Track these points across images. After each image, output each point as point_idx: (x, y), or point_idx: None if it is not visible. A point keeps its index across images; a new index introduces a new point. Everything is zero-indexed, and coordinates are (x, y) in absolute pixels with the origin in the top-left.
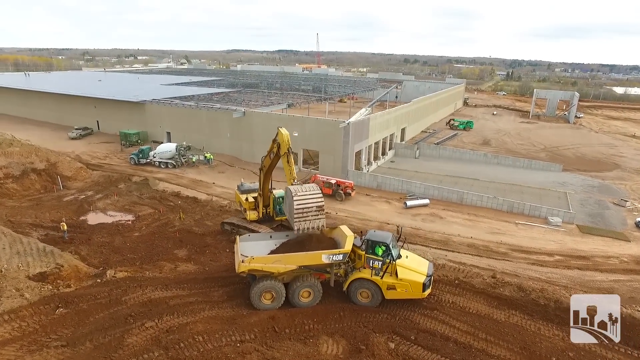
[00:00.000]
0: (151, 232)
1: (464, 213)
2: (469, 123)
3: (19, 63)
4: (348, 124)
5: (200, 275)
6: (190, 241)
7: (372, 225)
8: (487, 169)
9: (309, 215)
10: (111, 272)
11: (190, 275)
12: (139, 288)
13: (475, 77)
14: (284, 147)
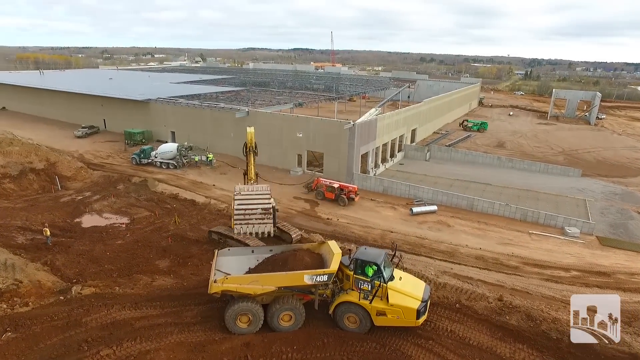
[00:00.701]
0: (134, 240)
1: (474, 221)
2: (483, 124)
3: (39, 61)
4: (354, 125)
5: (176, 291)
6: (174, 251)
7: (375, 234)
8: (500, 173)
9: (252, 218)
10: (77, 288)
11: (165, 291)
12: (104, 307)
13: (492, 76)
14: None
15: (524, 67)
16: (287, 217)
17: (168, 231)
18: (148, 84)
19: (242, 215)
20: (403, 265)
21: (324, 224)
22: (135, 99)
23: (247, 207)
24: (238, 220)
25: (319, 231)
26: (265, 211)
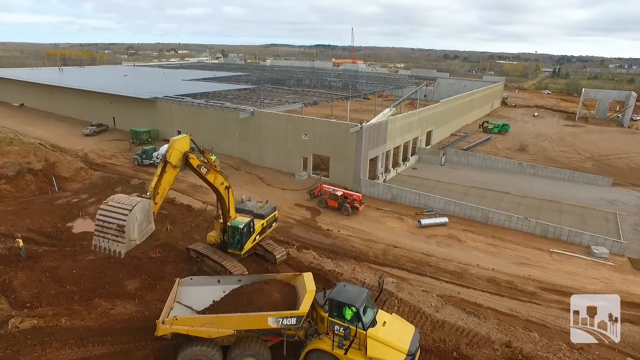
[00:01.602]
0: (107, 257)
1: (488, 236)
2: (505, 126)
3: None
4: (361, 127)
5: (134, 322)
6: (146, 269)
7: (377, 249)
8: (521, 180)
9: (109, 233)
10: (16, 320)
11: (121, 322)
12: (40, 347)
13: (518, 74)
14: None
15: (552, 64)
16: (285, 228)
17: (158, 240)
18: (161, 81)
19: (101, 227)
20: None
21: (323, 236)
22: (141, 97)
23: (106, 219)
24: (97, 232)
25: (316, 244)
26: (119, 228)
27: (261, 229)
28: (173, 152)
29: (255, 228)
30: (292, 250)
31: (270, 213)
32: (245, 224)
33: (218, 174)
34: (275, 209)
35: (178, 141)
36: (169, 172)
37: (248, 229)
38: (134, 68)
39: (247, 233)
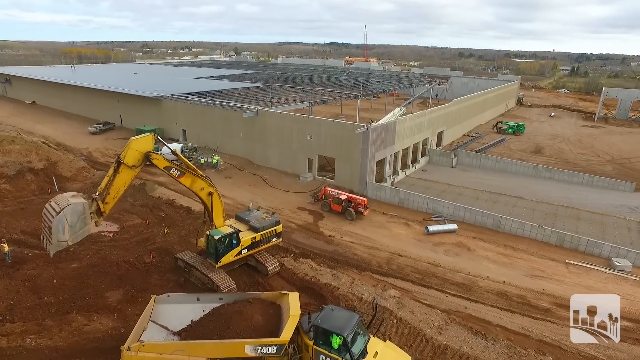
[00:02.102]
0: (91, 265)
1: (499, 245)
2: (520, 126)
3: (81, 56)
4: (367, 128)
5: (108, 341)
6: (131, 280)
7: (380, 258)
8: (536, 184)
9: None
10: None
11: (94, 340)
12: None
13: (534, 72)
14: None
15: (570, 62)
16: (285, 233)
17: (154, 243)
18: (169, 79)
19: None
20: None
21: (325, 243)
22: (146, 95)
23: (44, 219)
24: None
25: (316, 251)
26: (48, 229)
27: (251, 243)
28: (129, 153)
29: (242, 241)
30: (288, 259)
31: (269, 227)
32: (225, 235)
33: (197, 178)
34: (277, 224)
35: (135, 141)
36: (124, 172)
37: (228, 241)
38: (145, 66)
39: (226, 246)
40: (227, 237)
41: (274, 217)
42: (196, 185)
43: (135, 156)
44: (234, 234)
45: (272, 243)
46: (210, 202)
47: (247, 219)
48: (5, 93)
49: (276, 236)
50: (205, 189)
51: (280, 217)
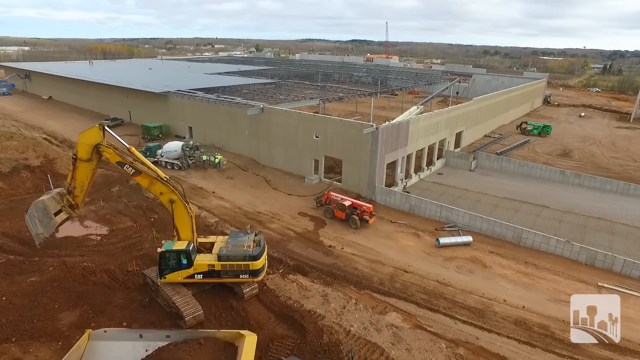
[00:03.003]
0: (51, 279)
1: (519, 261)
2: (546, 127)
3: (105, 52)
4: (377, 128)
5: None
6: (91, 298)
7: (383, 273)
8: (563, 191)
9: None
10: None
11: None
12: None
13: (563, 70)
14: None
15: (602, 60)
16: (281, 242)
17: (141, 249)
18: (182, 74)
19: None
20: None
21: (323, 254)
22: (153, 91)
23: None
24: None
25: (313, 264)
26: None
27: (210, 272)
28: (78, 147)
29: (195, 264)
30: (274, 277)
31: (236, 259)
32: (170, 251)
33: (156, 180)
34: (250, 258)
35: (82, 134)
36: (81, 166)
37: (174, 258)
38: (161, 62)
39: (173, 263)
40: (173, 254)
41: (257, 249)
42: (155, 188)
43: (85, 149)
44: (183, 253)
45: (242, 280)
46: (171, 210)
47: (231, 240)
48: (25, 88)
49: (248, 273)
50: (165, 194)
51: (279, 223)
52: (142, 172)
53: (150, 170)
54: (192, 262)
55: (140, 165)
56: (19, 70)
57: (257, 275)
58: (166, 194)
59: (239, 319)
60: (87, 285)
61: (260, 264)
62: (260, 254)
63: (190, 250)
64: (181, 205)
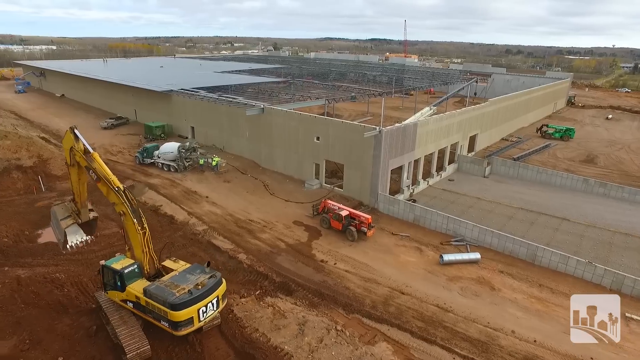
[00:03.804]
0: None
1: (533, 284)
2: (569, 131)
3: (126, 50)
4: (379, 132)
5: None
6: (32, 324)
7: (377, 295)
8: (586, 202)
9: None
10: None
11: None
12: None
13: (590, 70)
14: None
15: (633, 59)
16: (270, 254)
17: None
18: (191, 72)
19: None
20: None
21: (313, 270)
22: (155, 89)
23: None
24: None
25: (300, 281)
26: None
27: (137, 304)
28: (64, 152)
29: (127, 290)
30: (249, 299)
31: (161, 303)
32: (107, 268)
33: (111, 191)
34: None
35: (64, 139)
36: (70, 171)
37: (110, 276)
38: (174, 60)
39: (111, 282)
40: (109, 271)
41: (176, 297)
42: (110, 197)
43: (66, 154)
44: (117, 274)
45: (163, 327)
46: (123, 223)
47: (177, 276)
48: (41, 86)
49: (168, 323)
50: (117, 205)
51: (269, 233)
52: (102, 179)
53: (108, 178)
54: (124, 287)
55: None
56: (34, 69)
57: (177, 329)
58: (118, 205)
59: (194, 355)
60: (34, 308)
61: (183, 316)
62: (185, 304)
63: (125, 273)
64: (129, 220)
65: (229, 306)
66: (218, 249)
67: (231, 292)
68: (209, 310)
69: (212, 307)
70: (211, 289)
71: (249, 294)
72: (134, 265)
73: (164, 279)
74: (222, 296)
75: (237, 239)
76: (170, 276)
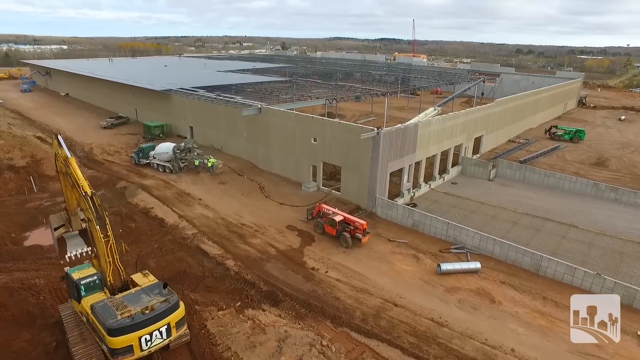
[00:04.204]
0: None
1: (536, 296)
2: (579, 132)
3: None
4: (378, 133)
5: None
6: None
7: (368, 306)
8: (596, 208)
9: None
10: None
11: None
12: None
13: (603, 70)
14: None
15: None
16: (259, 261)
17: None
18: (194, 71)
19: None
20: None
21: (303, 279)
22: (155, 89)
23: None
24: None
25: (290, 290)
26: None
27: (87, 319)
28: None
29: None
30: (227, 312)
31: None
32: (68, 275)
33: (81, 197)
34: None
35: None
36: (61, 178)
37: (71, 286)
38: (180, 59)
39: (72, 291)
40: (69, 279)
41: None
42: (81, 203)
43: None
44: (75, 285)
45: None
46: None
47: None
48: (47, 85)
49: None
50: (85, 211)
51: (261, 238)
52: (74, 185)
53: (78, 182)
54: (79, 299)
55: (74, 177)
56: (40, 68)
57: (113, 356)
58: (85, 211)
59: None
60: None
61: (119, 343)
62: (123, 330)
63: (81, 283)
64: (93, 227)
65: (202, 321)
66: (206, 254)
67: (209, 304)
68: (156, 339)
69: (160, 335)
70: (160, 315)
71: (228, 306)
72: (94, 276)
73: (117, 297)
74: (178, 323)
75: (227, 244)
76: (126, 293)
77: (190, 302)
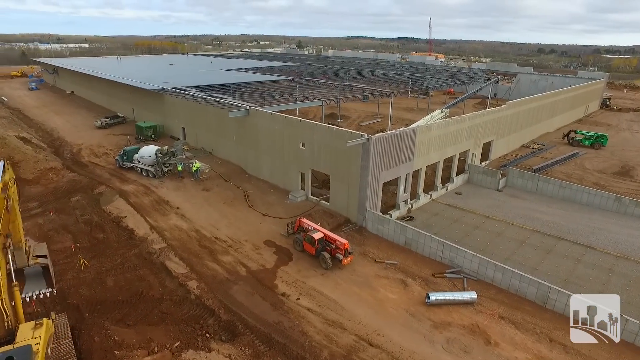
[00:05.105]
0: None
1: (541, 337)
2: (600, 138)
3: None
4: (367, 140)
5: None
6: None
7: (339, 346)
8: (618, 226)
9: None
10: None
11: None
12: None
13: (631, 69)
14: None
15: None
16: (225, 283)
17: (60, 280)
18: (196, 70)
19: None
20: None
21: (269, 307)
22: (148, 88)
23: None
24: None
25: (253, 320)
26: None
27: None
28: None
29: None
30: (161, 355)
31: None
32: None
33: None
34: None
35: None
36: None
37: None
38: (187, 57)
39: None
40: None
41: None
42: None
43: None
44: None
45: None
46: None
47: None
48: (55, 83)
49: None
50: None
51: (236, 254)
52: None
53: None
54: None
55: None
56: (47, 66)
57: None
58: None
59: None
60: None
61: None
62: None
63: None
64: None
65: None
66: (169, 273)
67: (138, 345)
68: None
69: None
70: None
71: (163, 348)
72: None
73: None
74: None
75: (194, 262)
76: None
77: (113, 345)
